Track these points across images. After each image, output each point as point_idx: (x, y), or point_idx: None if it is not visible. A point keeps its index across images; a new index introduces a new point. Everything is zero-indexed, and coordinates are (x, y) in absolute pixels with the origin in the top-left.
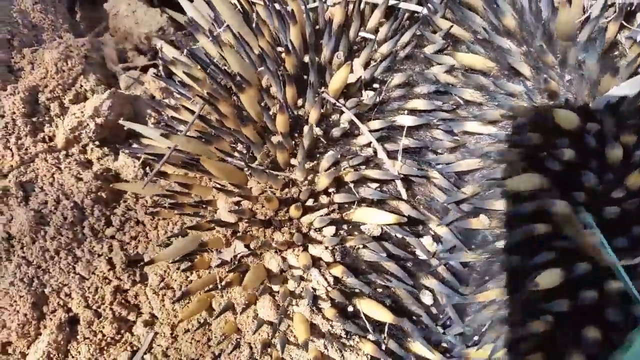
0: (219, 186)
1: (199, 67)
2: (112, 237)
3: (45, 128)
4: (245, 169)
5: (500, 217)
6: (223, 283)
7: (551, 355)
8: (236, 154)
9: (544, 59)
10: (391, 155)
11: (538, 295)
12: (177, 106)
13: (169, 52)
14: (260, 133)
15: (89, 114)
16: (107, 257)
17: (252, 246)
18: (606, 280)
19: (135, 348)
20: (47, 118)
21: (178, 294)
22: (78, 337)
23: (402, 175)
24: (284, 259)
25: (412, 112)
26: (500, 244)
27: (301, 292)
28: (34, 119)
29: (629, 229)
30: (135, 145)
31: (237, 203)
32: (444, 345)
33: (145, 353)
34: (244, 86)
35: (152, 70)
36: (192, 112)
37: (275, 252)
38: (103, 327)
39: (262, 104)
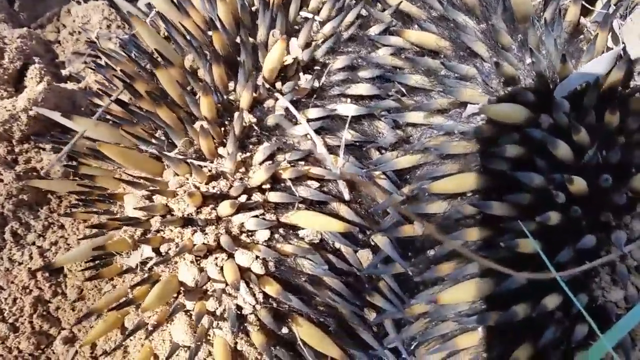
0: (128, 178)
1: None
2: (33, 243)
3: None
4: (164, 159)
5: (436, 222)
6: (126, 300)
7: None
8: (154, 141)
9: (502, 39)
10: (332, 150)
11: (471, 308)
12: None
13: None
14: (182, 119)
15: (22, 107)
16: (27, 266)
17: (162, 250)
18: (546, 293)
19: None
20: None
21: (82, 313)
22: None
23: (345, 176)
24: (202, 270)
25: (355, 99)
26: (432, 252)
27: (222, 312)
28: None
29: (577, 238)
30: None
31: (149, 198)
32: None
33: None
34: (160, 62)
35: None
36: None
37: (192, 261)
38: (19, 343)
39: (188, 88)
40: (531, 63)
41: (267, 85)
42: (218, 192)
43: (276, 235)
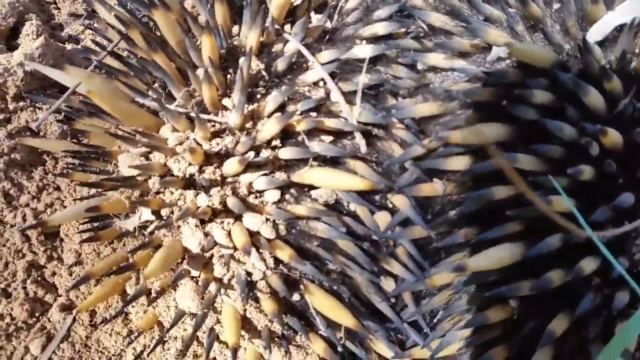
0: (122, 134)
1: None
2: (27, 205)
3: None
4: (161, 112)
5: (457, 179)
6: (127, 264)
7: (515, 349)
8: (151, 93)
9: None
10: (347, 97)
11: (500, 276)
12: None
13: None
14: (181, 70)
15: (17, 62)
16: (21, 228)
17: (163, 214)
18: (582, 257)
19: (52, 335)
20: None
21: (79, 278)
22: None
23: (363, 126)
24: (207, 235)
25: (371, 41)
26: (455, 213)
27: (231, 278)
28: None
29: (612, 196)
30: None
31: (145, 156)
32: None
33: (62, 341)
34: (155, 4)
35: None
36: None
37: (196, 225)
38: (12, 310)
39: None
40: (559, 7)
41: (276, 26)
42: (223, 150)
43: (287, 196)
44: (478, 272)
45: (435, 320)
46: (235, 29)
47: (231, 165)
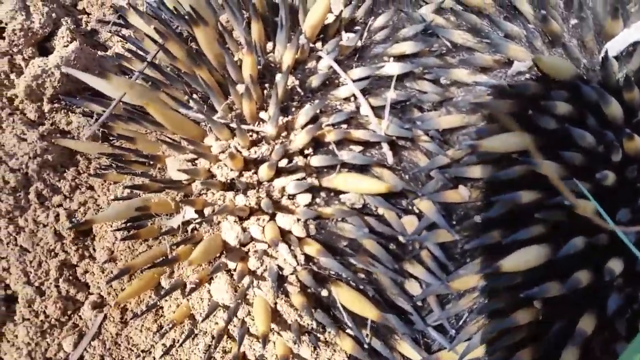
0: (169, 140)
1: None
2: (60, 205)
3: None
4: (203, 122)
5: (481, 186)
6: (170, 257)
7: (542, 350)
8: (192, 104)
9: None
10: (375, 111)
11: (526, 279)
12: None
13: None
14: (221, 83)
15: (55, 64)
16: (53, 228)
17: (205, 213)
18: (605, 259)
19: (83, 333)
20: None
21: (117, 271)
22: (15, 317)
23: (391, 137)
24: (245, 230)
25: (398, 58)
26: (481, 217)
27: (264, 272)
28: None
29: (634, 198)
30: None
31: (192, 162)
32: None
33: (93, 339)
34: (197, 21)
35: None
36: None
37: (235, 221)
38: (46, 307)
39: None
40: (577, 23)
41: (311, 44)
42: (259, 157)
43: (317, 199)
44: (503, 275)
45: (460, 323)
46: (269, 45)
47: (263, 170)
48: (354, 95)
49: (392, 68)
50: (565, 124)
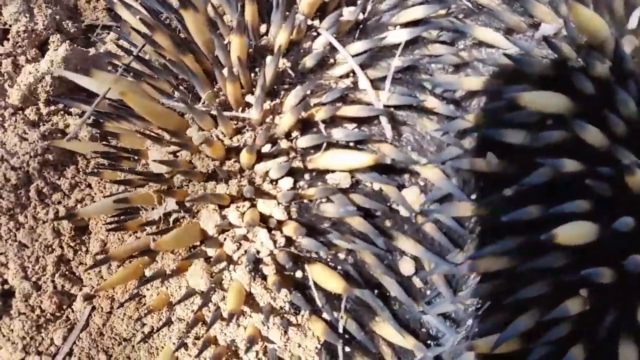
0: (151, 134)
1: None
2: (59, 202)
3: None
4: (186, 112)
5: (513, 153)
6: (148, 248)
7: (594, 346)
8: (176, 94)
9: None
10: (375, 84)
11: (568, 262)
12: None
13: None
14: (210, 72)
15: (45, 69)
16: (52, 224)
17: (187, 203)
18: None
19: (74, 326)
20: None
21: (98, 259)
22: (12, 312)
23: (389, 109)
24: (224, 217)
25: (406, 25)
26: (512, 190)
27: (241, 255)
28: None
29: None
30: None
31: (174, 154)
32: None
33: (81, 331)
34: (186, 4)
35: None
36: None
37: (214, 209)
38: (41, 302)
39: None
40: None
41: (309, 22)
42: (242, 145)
43: (301, 182)
44: (543, 256)
45: (480, 312)
46: (263, 27)
47: (244, 155)
48: (351, 71)
49: (399, 35)
50: (602, 90)
